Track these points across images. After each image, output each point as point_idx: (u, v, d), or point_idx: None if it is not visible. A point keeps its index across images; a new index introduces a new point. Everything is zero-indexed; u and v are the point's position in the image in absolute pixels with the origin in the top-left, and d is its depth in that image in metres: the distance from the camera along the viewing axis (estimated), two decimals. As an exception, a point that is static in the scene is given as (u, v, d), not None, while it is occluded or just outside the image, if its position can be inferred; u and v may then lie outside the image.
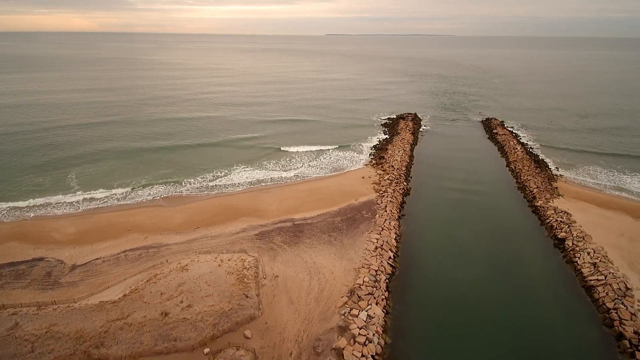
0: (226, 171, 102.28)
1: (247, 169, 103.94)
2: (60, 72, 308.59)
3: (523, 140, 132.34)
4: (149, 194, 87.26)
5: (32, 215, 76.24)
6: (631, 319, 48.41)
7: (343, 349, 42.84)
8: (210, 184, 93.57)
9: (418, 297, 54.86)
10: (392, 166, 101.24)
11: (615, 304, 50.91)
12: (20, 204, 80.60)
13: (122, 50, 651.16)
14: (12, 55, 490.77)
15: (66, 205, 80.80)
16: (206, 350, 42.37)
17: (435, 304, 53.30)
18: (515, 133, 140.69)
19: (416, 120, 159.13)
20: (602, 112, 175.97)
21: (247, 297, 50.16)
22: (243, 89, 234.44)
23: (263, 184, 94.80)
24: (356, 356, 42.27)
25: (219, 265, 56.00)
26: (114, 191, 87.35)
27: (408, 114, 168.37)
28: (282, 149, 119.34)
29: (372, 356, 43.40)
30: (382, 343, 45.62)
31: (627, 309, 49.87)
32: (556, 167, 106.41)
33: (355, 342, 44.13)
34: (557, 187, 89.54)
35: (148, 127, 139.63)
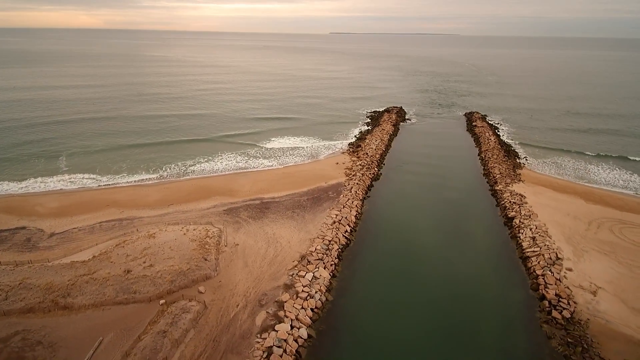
0: (209, 157, 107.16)
1: (229, 156, 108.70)
2: (61, 67, 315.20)
3: (501, 132, 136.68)
4: (134, 179, 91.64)
5: (20, 192, 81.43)
6: (555, 284, 52.94)
7: (285, 301, 47.66)
8: (191, 169, 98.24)
9: (368, 264, 59.49)
10: (367, 154, 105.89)
11: (543, 271, 55.43)
12: (11, 183, 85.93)
13: (124, 47, 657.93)
14: (15, 50, 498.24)
15: (52, 185, 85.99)
16: (162, 301, 47.28)
17: (382, 271, 57.78)
18: (494, 126, 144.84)
19: (400, 113, 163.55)
20: (586, 112, 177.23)
21: (205, 260, 55.06)
22: (238, 86, 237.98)
23: (241, 169, 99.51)
24: (296, 308, 47.07)
25: (184, 234, 60.95)
26: (98, 175, 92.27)
27: (394, 107, 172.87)
28: (266, 142, 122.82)
29: (312, 309, 48.21)
30: (324, 299, 50.39)
31: (553, 275, 54.40)
32: (525, 157, 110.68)
33: (297, 297, 48.96)
34: (519, 174, 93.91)
35: (140, 123, 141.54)
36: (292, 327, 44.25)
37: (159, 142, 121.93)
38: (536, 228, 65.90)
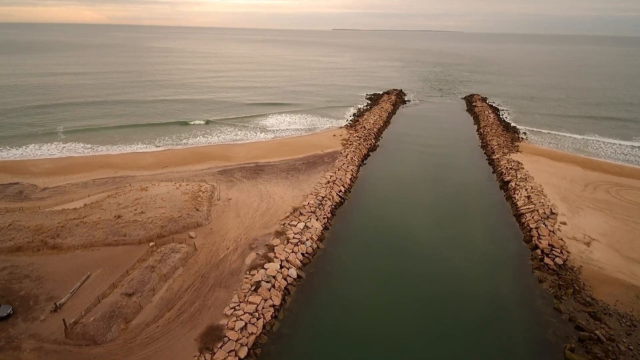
0: (205, 132, 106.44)
1: (226, 130, 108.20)
2: (63, 57, 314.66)
3: (501, 113, 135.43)
4: (129, 148, 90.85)
5: (15, 156, 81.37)
6: (548, 235, 52.47)
7: (275, 245, 47.37)
8: (185, 141, 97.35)
9: (362, 221, 59.13)
10: (364, 127, 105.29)
11: (537, 224, 54.97)
12: (10, 150, 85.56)
13: (127, 40, 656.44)
14: (19, 42, 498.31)
15: (49, 152, 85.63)
16: (151, 243, 47.06)
17: (376, 227, 57.19)
18: (495, 107, 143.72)
19: (400, 95, 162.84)
20: (587, 99, 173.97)
21: (197, 210, 54.79)
22: (238, 75, 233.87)
23: (237, 140, 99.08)
24: (286, 251, 46.77)
25: (177, 188, 60.70)
26: (94, 144, 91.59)
27: (394, 89, 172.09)
28: (264, 119, 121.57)
29: (302, 254, 47.96)
30: (314, 246, 50.12)
31: (547, 227, 53.93)
32: (524, 133, 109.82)
33: (288, 242, 48.68)
34: (517, 146, 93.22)
35: (139, 107, 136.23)
36: (281, 266, 44.02)
37: (157, 123, 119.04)
38: (531, 188, 65.39)
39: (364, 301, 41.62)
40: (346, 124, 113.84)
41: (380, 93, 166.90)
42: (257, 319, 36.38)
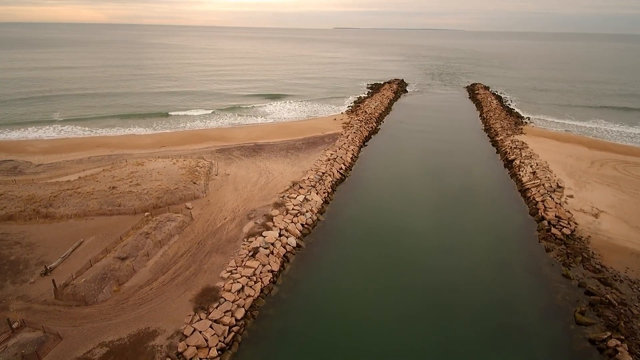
0: (203, 119, 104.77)
1: (225, 116, 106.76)
2: (63, 52, 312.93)
3: (504, 100, 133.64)
4: (127, 131, 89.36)
5: (12, 137, 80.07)
6: (555, 207, 50.98)
7: (274, 216, 46.02)
8: (183, 125, 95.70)
9: (362, 196, 57.74)
10: (365, 112, 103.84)
11: (543, 197, 53.49)
12: (8, 134, 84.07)
13: (128, 37, 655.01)
14: (20, 39, 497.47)
15: (46, 135, 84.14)
16: (147, 213, 45.76)
17: (377, 202, 55.80)
18: (497, 95, 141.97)
19: (402, 84, 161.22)
20: (590, 90, 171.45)
21: (194, 183, 53.49)
22: (238, 69, 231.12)
23: (236, 124, 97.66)
24: (285, 221, 45.41)
25: (174, 163, 59.39)
26: (91, 127, 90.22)
27: (395, 79, 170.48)
28: (263, 107, 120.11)
29: (302, 224, 46.61)
30: (314, 218, 48.75)
31: (553, 200, 52.46)
32: (528, 117, 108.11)
33: (287, 213, 47.33)
34: (521, 128, 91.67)
35: (138, 98, 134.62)
36: (280, 235, 42.69)
37: (156, 112, 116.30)
38: (537, 165, 63.93)
39: (365, 271, 40.24)
40: (347, 110, 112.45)
41: (382, 83, 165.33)
42: (255, 282, 35.07)
